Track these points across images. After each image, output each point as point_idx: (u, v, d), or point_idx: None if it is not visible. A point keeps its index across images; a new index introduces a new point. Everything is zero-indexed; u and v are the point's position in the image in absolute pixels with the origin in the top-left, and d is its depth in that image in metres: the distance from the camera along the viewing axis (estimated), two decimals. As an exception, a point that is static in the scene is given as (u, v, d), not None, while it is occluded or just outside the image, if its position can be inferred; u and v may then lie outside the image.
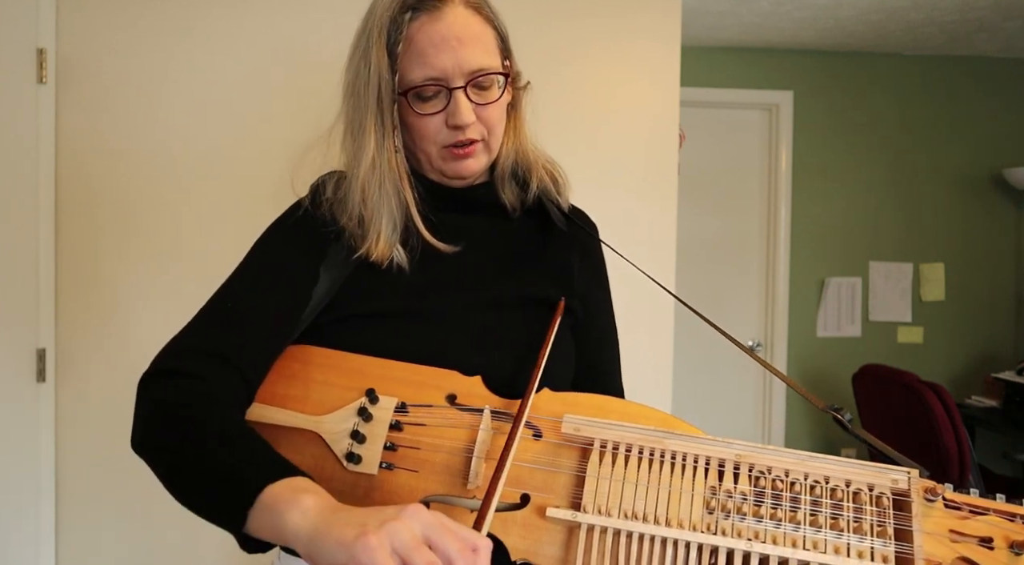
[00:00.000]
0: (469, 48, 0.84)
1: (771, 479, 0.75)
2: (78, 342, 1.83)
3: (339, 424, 0.80)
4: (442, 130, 0.86)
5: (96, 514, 1.85)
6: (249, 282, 0.87)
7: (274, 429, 0.81)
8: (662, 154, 1.98)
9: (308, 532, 0.59)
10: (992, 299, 3.73)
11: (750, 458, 0.76)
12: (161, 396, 0.76)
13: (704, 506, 0.75)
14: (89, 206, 1.83)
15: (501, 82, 0.88)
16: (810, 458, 0.76)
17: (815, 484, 0.75)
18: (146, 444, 0.75)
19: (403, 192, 0.87)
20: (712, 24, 3.27)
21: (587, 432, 0.78)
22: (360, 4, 0.89)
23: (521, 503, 0.77)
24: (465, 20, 0.85)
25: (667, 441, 0.77)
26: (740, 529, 0.73)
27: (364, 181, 0.86)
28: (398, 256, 0.87)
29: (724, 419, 3.70)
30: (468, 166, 0.89)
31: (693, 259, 3.55)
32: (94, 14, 1.82)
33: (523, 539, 0.75)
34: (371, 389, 0.82)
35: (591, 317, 0.98)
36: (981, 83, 3.68)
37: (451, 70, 0.83)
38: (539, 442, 0.80)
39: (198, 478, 0.70)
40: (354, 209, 0.87)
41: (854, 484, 0.75)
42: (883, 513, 0.74)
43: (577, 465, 0.78)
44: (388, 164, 0.86)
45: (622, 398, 1.02)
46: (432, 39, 0.83)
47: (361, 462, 0.78)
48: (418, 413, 0.81)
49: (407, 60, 0.84)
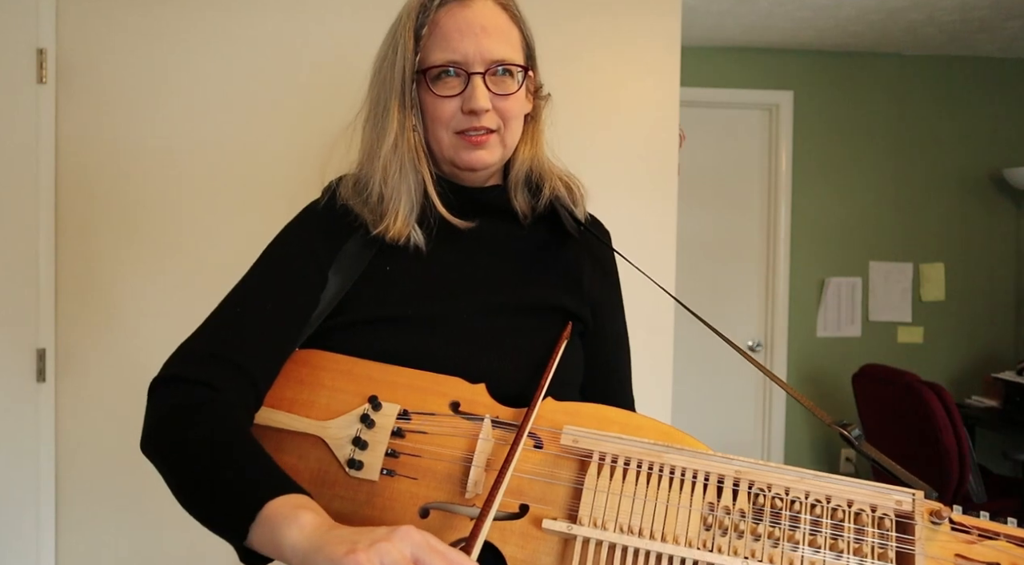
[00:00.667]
0: (493, 38, 0.86)
1: (770, 497, 0.74)
2: (78, 342, 1.83)
3: (343, 430, 0.80)
4: (457, 114, 0.87)
5: (96, 514, 1.85)
6: (259, 287, 0.87)
7: (280, 433, 0.82)
8: (662, 154, 1.98)
9: (304, 548, 0.61)
10: (992, 299, 3.73)
11: (750, 475, 0.75)
12: (170, 402, 0.77)
13: (701, 522, 0.74)
14: (89, 206, 1.83)
15: (520, 76, 0.89)
16: (812, 476, 0.75)
17: (816, 503, 0.74)
18: (153, 449, 0.76)
19: (421, 170, 0.88)
20: (712, 24, 3.27)
21: (585, 444, 0.78)
22: (360, 4, 0.89)
23: (520, 513, 0.77)
24: (492, 12, 0.87)
25: (666, 455, 0.77)
26: (736, 547, 0.72)
27: (386, 160, 0.87)
28: (415, 236, 0.88)
29: (724, 420, 3.70)
30: (480, 157, 0.89)
31: (693, 259, 3.55)
32: (94, 14, 1.82)
33: (521, 549, 0.75)
34: (374, 396, 0.82)
35: (600, 324, 0.98)
36: (981, 83, 3.68)
37: (472, 55, 0.85)
38: (540, 453, 0.80)
39: (203, 490, 0.71)
40: (374, 188, 0.88)
41: (856, 504, 0.74)
42: (885, 535, 0.72)
43: (575, 477, 0.78)
44: (408, 143, 0.87)
45: (631, 405, 1.02)
46: (458, 24, 0.85)
47: (363, 468, 0.78)
48: (420, 421, 0.81)
49: (431, 43, 0.85)
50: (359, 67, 0.97)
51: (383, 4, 1.05)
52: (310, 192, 0.98)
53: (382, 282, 0.87)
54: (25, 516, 1.82)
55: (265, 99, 1.86)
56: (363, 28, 1.77)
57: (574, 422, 0.80)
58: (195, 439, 0.72)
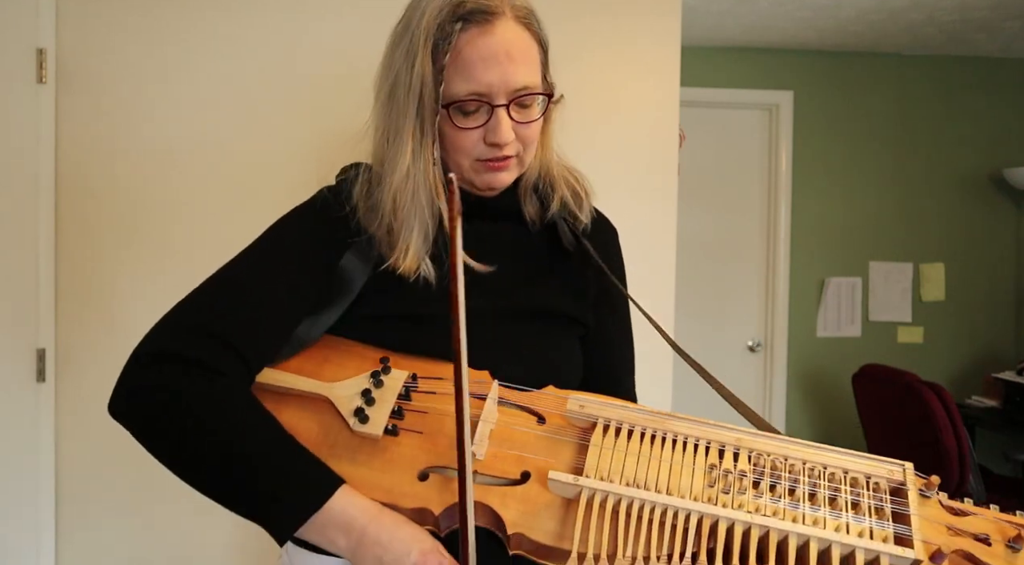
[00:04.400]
0: (516, 65, 0.83)
1: (770, 460, 0.77)
2: (78, 342, 1.83)
3: (349, 390, 0.81)
4: (479, 145, 0.85)
5: (96, 514, 1.85)
6: (261, 264, 0.86)
7: (284, 394, 0.82)
8: (662, 154, 1.97)
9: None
10: (992, 299, 3.73)
11: (750, 444, 0.78)
12: (173, 384, 0.76)
13: (705, 480, 0.75)
14: (89, 206, 1.83)
15: (542, 102, 0.88)
16: (807, 446, 0.78)
17: (813, 468, 0.76)
18: (148, 430, 0.76)
19: (438, 203, 0.86)
20: (712, 24, 3.27)
21: (591, 410, 0.80)
22: (359, 5, 0.89)
23: (521, 479, 0.77)
24: (515, 35, 0.83)
25: (669, 423, 0.79)
26: (741, 501, 0.74)
27: (397, 190, 0.84)
28: (425, 270, 0.86)
29: (723, 419, 3.70)
30: (500, 179, 0.89)
31: (693, 259, 3.55)
32: (94, 14, 1.82)
33: (522, 514, 0.74)
34: (384, 357, 0.83)
35: (603, 329, 0.99)
36: (981, 83, 3.68)
37: (496, 86, 0.82)
38: (542, 426, 0.81)
39: (231, 494, 0.74)
40: (384, 218, 0.86)
41: (852, 472, 0.76)
42: (881, 498, 0.75)
43: (579, 442, 0.79)
44: (424, 175, 0.85)
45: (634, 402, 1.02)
46: (481, 53, 0.81)
47: (367, 423, 0.78)
48: (429, 384, 0.83)
49: (452, 71, 0.82)
50: (359, 67, 0.97)
51: (383, 4, 1.05)
52: (310, 191, 0.97)
53: (393, 280, 0.87)
54: (25, 516, 1.82)
55: (265, 99, 1.86)
56: (363, 28, 1.76)
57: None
58: (209, 433, 0.74)
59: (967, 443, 2.76)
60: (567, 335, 0.95)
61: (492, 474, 0.77)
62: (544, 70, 0.90)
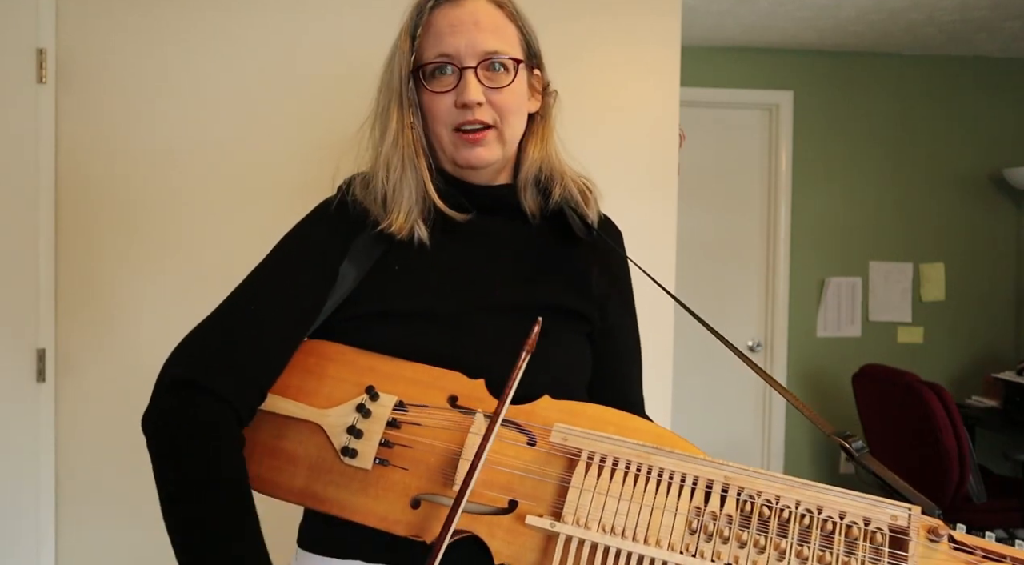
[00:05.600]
0: (485, 32, 0.87)
1: (759, 504, 0.72)
2: (78, 342, 1.83)
3: (341, 418, 0.82)
4: (452, 110, 0.88)
5: (96, 514, 1.85)
6: (271, 285, 0.88)
7: (282, 419, 0.84)
8: (662, 154, 1.97)
9: None
10: (992, 299, 3.73)
11: (739, 480, 0.74)
12: (201, 417, 0.79)
13: (686, 526, 0.73)
14: (89, 206, 1.83)
15: (514, 68, 0.89)
16: (803, 485, 0.73)
17: (806, 513, 0.71)
18: (169, 454, 0.79)
19: (419, 167, 0.89)
20: (712, 24, 3.27)
21: (575, 443, 0.78)
22: (358, 5, 0.90)
23: (508, 509, 0.77)
24: (486, 10, 0.88)
25: (655, 457, 0.76)
26: (720, 552, 0.71)
27: (387, 158, 0.89)
28: (419, 231, 0.88)
29: (724, 421, 3.70)
30: (479, 154, 0.89)
31: (693, 259, 3.55)
32: (94, 14, 1.82)
33: (507, 544, 0.75)
34: (371, 386, 0.82)
35: (609, 325, 0.98)
36: (981, 83, 3.68)
37: (463, 50, 0.86)
38: (532, 450, 0.80)
39: (183, 545, 0.80)
40: (378, 186, 0.89)
41: (849, 516, 0.71)
42: (878, 550, 0.68)
43: (563, 475, 0.78)
44: (406, 139, 0.89)
45: (641, 407, 1.01)
46: (450, 20, 0.87)
47: (356, 457, 0.80)
48: (416, 413, 0.82)
49: (424, 41, 0.88)
50: (360, 67, 0.97)
51: (383, 4, 1.06)
52: (310, 191, 0.98)
53: (391, 278, 0.88)
54: (25, 516, 1.82)
55: (265, 99, 1.86)
56: (364, 28, 1.77)
57: (571, 421, 0.80)
58: (211, 487, 0.78)
59: (967, 443, 2.76)
60: (569, 330, 0.93)
61: (480, 502, 0.78)
62: (530, 56, 0.93)
